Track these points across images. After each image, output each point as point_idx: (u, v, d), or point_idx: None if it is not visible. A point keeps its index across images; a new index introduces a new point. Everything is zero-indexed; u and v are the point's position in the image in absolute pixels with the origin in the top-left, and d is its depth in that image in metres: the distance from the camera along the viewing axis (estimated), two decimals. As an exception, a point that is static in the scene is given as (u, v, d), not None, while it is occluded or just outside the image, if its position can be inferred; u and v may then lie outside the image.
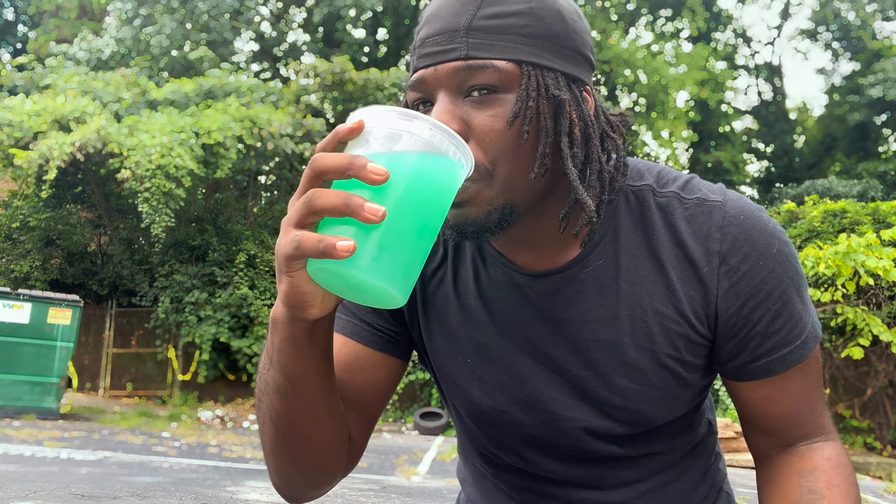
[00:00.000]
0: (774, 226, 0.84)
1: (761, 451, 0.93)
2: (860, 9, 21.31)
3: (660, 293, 0.84)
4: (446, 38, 0.77)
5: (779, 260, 0.82)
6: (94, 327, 13.36)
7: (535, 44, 0.77)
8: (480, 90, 0.77)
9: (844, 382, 11.43)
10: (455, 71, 0.76)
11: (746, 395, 0.88)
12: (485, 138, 0.76)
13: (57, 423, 8.95)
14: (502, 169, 0.77)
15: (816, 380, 0.89)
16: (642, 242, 0.85)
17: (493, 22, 0.76)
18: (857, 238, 7.71)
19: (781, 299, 0.82)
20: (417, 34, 0.82)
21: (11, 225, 13.19)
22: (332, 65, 13.55)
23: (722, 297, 0.83)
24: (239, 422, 10.89)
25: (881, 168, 18.59)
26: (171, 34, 15.49)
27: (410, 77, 0.82)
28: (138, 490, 4.84)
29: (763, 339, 0.84)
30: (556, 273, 0.86)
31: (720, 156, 20.81)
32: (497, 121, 0.76)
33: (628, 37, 20.75)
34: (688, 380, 0.88)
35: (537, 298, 0.88)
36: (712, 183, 0.90)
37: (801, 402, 0.88)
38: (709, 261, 0.83)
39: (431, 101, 0.79)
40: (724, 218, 0.83)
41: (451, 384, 0.96)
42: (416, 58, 0.80)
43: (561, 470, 0.96)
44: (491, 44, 0.76)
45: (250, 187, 14.52)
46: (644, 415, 0.89)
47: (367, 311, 0.95)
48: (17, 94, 13.05)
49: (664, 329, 0.85)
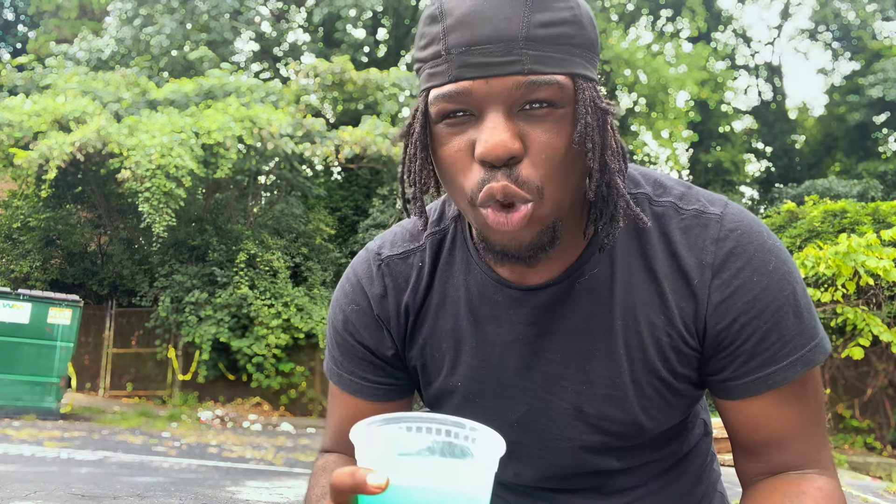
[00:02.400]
0: (774, 242, 0.82)
1: (747, 475, 0.88)
2: (860, 9, 21.29)
3: (653, 304, 0.83)
4: (502, 48, 0.71)
5: (775, 278, 0.79)
6: (94, 327, 13.36)
7: (582, 55, 0.74)
8: (535, 104, 0.72)
9: (844, 382, 11.42)
10: (516, 86, 0.71)
11: (733, 415, 0.85)
12: (542, 155, 0.72)
13: (57, 423, 8.95)
14: (554, 186, 0.74)
15: (816, 408, 0.84)
16: (637, 252, 0.84)
17: (548, 31, 0.72)
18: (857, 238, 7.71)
19: (773, 318, 0.79)
20: (445, 35, 0.73)
21: (11, 225, 13.19)
22: (332, 65, 13.55)
23: (712, 311, 0.81)
24: (239, 422, 10.89)
25: (881, 168, 18.57)
26: (171, 34, 15.49)
27: (439, 85, 0.74)
28: (138, 490, 4.84)
29: (749, 357, 0.81)
30: (553, 285, 0.84)
31: (720, 156, 20.80)
32: (557, 138, 0.73)
33: (628, 37, 20.73)
34: (680, 390, 0.87)
35: (533, 312, 0.86)
36: (713, 192, 0.88)
37: (793, 429, 0.83)
38: (701, 273, 0.81)
39: (474, 114, 0.74)
40: (720, 231, 0.81)
41: (444, 407, 0.95)
42: (458, 66, 0.72)
43: (559, 482, 0.96)
44: (550, 56, 0.72)
45: (250, 187, 14.51)
46: (640, 426, 0.88)
47: (367, 369, 0.94)
48: (17, 94, 13.05)
49: (656, 340, 0.83)
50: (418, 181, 0.80)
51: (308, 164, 14.52)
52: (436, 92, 0.74)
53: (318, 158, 12.62)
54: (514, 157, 0.71)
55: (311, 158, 12.80)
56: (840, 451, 10.18)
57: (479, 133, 0.73)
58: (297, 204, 14.64)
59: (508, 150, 0.71)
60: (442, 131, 0.76)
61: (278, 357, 12.49)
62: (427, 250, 0.91)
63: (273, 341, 12.23)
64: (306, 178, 14.77)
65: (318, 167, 15.52)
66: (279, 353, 12.40)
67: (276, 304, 12.49)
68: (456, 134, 0.75)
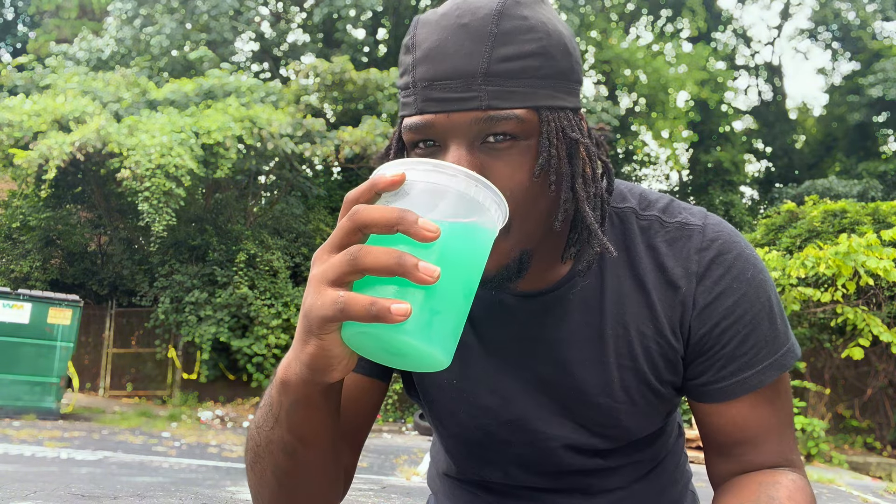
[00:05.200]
0: (751, 252, 0.85)
1: (721, 476, 0.90)
2: (860, 9, 21.29)
3: (642, 313, 0.85)
4: (461, 84, 0.72)
5: (752, 285, 0.83)
6: (94, 327, 13.36)
7: (549, 85, 0.74)
8: (497, 136, 0.73)
9: (844, 382, 11.43)
10: (474, 121, 0.72)
11: (712, 418, 0.87)
12: (505, 191, 0.72)
13: (57, 423, 8.95)
14: (520, 219, 0.74)
15: (787, 411, 0.88)
16: (625, 263, 0.86)
17: (509, 66, 0.72)
18: (857, 238, 7.72)
19: (751, 324, 0.83)
20: (413, 67, 0.75)
21: (11, 225, 13.19)
22: (332, 65, 13.55)
23: (696, 316, 0.84)
24: (239, 422, 10.89)
25: (881, 168, 18.58)
26: (171, 34, 15.49)
27: (408, 115, 0.76)
28: (138, 490, 4.84)
29: (728, 360, 0.84)
30: (545, 294, 0.86)
31: (720, 156, 20.79)
32: (519, 172, 0.73)
33: (628, 37, 20.74)
34: (665, 396, 0.90)
35: (525, 319, 0.88)
36: (692, 204, 0.91)
37: (768, 429, 0.86)
38: (688, 282, 0.84)
39: (438, 144, 0.75)
40: (702, 241, 0.84)
41: (438, 406, 0.95)
42: (422, 100, 0.74)
43: (545, 482, 0.98)
44: (511, 91, 0.72)
45: (250, 187, 14.52)
46: (627, 430, 0.91)
47: None
48: (17, 94, 13.05)
49: (646, 348, 0.86)
50: None
51: (308, 164, 14.51)
52: (406, 122, 0.76)
53: (318, 158, 12.62)
54: None
55: (311, 158, 12.79)
56: (840, 451, 10.18)
57: None
58: (297, 204, 14.64)
59: None
60: (414, 157, 0.77)
61: (278, 357, 12.48)
62: None
63: (273, 341, 12.24)
64: (306, 178, 14.77)
65: (318, 167, 15.52)
66: (279, 353, 12.41)
67: (276, 304, 12.49)
68: None
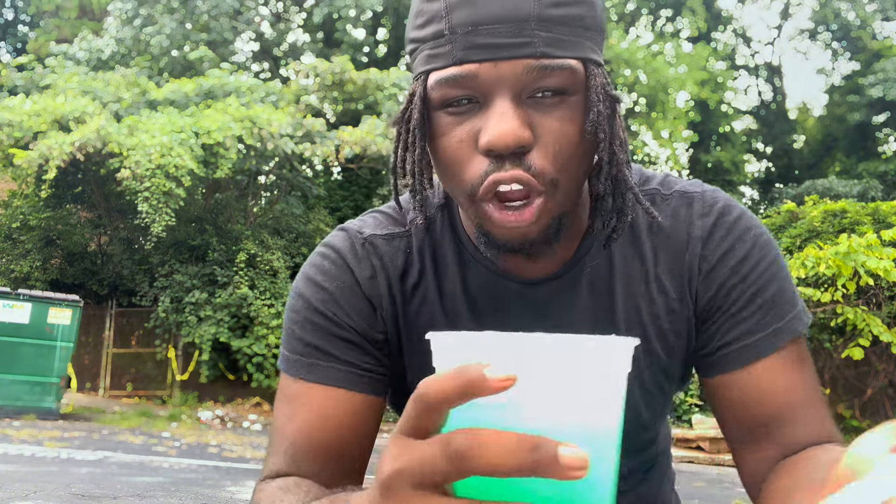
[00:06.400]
0: (751, 216, 0.83)
1: (759, 472, 0.78)
2: (860, 9, 21.30)
3: (650, 290, 0.82)
4: (512, 28, 0.65)
5: (757, 244, 0.81)
6: (94, 327, 13.36)
7: (592, 37, 0.69)
8: (546, 92, 0.68)
9: (844, 382, 11.42)
10: (526, 71, 0.66)
11: (733, 392, 0.79)
12: (555, 146, 0.68)
13: (57, 423, 8.95)
14: (566, 178, 0.70)
15: (815, 384, 0.80)
16: (629, 241, 0.83)
17: (560, 11, 0.66)
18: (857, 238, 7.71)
19: (757, 283, 0.79)
20: (449, 12, 0.67)
21: (11, 225, 13.19)
22: (332, 65, 13.55)
23: (702, 280, 0.81)
24: (239, 422, 10.89)
25: (881, 168, 18.60)
26: (171, 34, 15.49)
27: (441, 68, 0.68)
28: (138, 490, 4.84)
29: (735, 322, 0.79)
30: (554, 278, 0.82)
31: (720, 156, 20.80)
32: (569, 127, 0.68)
33: (628, 37, 20.73)
34: (675, 377, 0.87)
35: (535, 306, 0.83)
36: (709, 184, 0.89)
37: (800, 402, 0.77)
38: (693, 247, 0.81)
39: (479, 100, 0.69)
40: (703, 206, 0.82)
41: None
42: (463, 47, 0.66)
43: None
44: (562, 39, 0.66)
45: (250, 187, 14.51)
46: (640, 421, 0.87)
47: (353, 353, 0.82)
48: (17, 94, 13.05)
49: (658, 327, 0.83)
50: (418, 172, 0.75)
51: (308, 164, 14.51)
52: (437, 76, 0.69)
53: (318, 158, 12.62)
54: (523, 147, 0.67)
55: (311, 158, 12.79)
56: (840, 451, 10.17)
57: (485, 121, 0.68)
58: (297, 204, 14.64)
59: (518, 139, 0.66)
60: (443, 120, 0.71)
61: (278, 357, 12.48)
62: (413, 237, 0.85)
63: (273, 341, 12.23)
64: (306, 178, 14.77)
65: (318, 167, 15.51)
66: (279, 352, 12.40)
67: (276, 304, 12.49)
68: (458, 123, 0.70)
